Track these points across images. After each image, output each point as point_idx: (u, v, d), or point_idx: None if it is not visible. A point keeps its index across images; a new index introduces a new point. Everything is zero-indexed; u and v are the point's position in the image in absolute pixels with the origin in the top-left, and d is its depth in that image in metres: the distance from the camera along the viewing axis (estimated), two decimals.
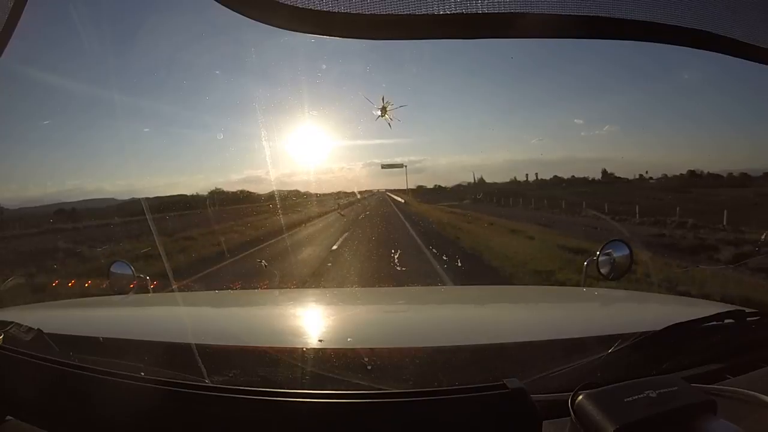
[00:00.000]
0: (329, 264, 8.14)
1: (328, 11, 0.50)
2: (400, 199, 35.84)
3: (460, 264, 8.02)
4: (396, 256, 8.36)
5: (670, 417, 0.56)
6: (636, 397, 0.57)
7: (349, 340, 1.22)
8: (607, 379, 0.64)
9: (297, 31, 0.53)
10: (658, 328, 0.85)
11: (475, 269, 7.67)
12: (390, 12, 0.50)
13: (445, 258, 8.45)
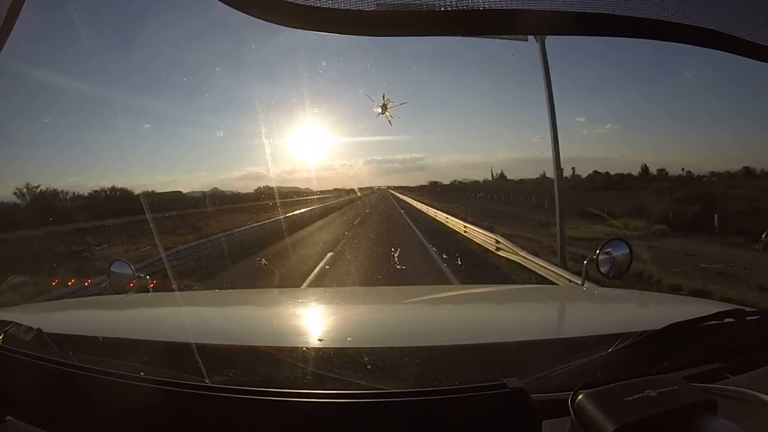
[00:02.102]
0: None
1: (329, 8, 0.50)
2: (426, 209, 19.19)
3: None
4: None
5: (671, 416, 0.56)
6: (636, 396, 0.57)
7: (349, 339, 1.22)
8: (607, 378, 0.64)
9: (298, 28, 0.53)
10: (658, 328, 0.85)
11: None
12: (391, 8, 0.50)
13: None
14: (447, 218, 14.57)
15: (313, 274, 7.40)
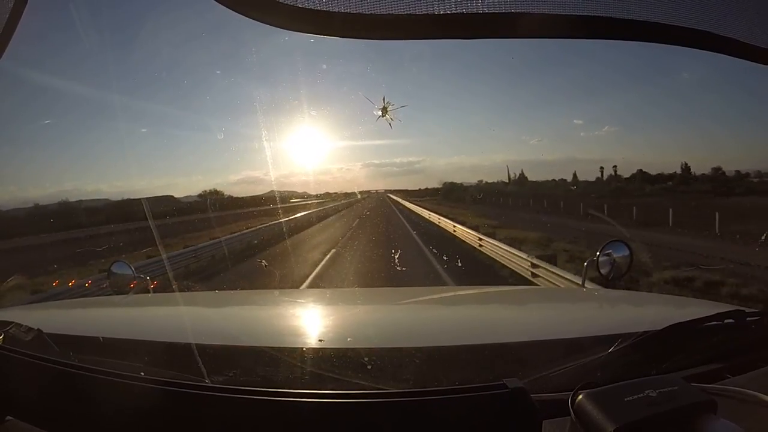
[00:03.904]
0: None
1: (328, 11, 0.50)
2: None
3: None
4: None
5: (671, 416, 0.56)
6: (636, 396, 0.57)
7: (348, 339, 1.22)
8: (607, 378, 0.64)
9: (297, 31, 0.53)
10: (658, 328, 0.85)
11: None
12: (390, 12, 0.50)
13: None
14: None
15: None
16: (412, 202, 29.07)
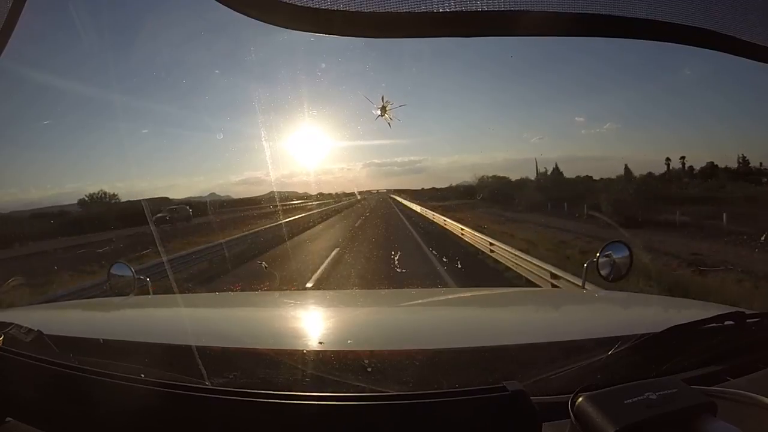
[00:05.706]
0: None
1: (328, 9, 0.50)
2: None
3: None
4: None
5: (670, 419, 0.56)
6: (636, 398, 0.57)
7: (349, 342, 1.22)
8: (607, 380, 0.64)
9: (296, 29, 0.53)
10: (658, 330, 0.84)
11: None
12: (389, 10, 0.50)
13: None
14: None
15: None
16: (443, 213, 15.87)
